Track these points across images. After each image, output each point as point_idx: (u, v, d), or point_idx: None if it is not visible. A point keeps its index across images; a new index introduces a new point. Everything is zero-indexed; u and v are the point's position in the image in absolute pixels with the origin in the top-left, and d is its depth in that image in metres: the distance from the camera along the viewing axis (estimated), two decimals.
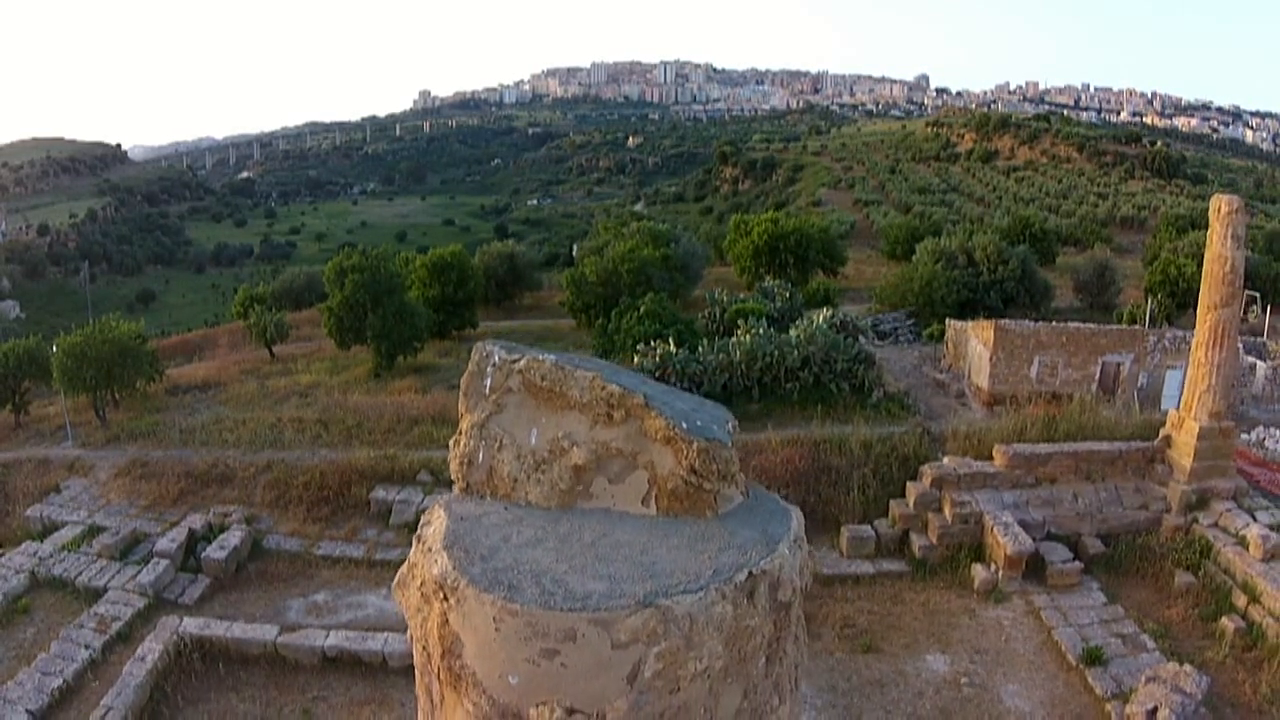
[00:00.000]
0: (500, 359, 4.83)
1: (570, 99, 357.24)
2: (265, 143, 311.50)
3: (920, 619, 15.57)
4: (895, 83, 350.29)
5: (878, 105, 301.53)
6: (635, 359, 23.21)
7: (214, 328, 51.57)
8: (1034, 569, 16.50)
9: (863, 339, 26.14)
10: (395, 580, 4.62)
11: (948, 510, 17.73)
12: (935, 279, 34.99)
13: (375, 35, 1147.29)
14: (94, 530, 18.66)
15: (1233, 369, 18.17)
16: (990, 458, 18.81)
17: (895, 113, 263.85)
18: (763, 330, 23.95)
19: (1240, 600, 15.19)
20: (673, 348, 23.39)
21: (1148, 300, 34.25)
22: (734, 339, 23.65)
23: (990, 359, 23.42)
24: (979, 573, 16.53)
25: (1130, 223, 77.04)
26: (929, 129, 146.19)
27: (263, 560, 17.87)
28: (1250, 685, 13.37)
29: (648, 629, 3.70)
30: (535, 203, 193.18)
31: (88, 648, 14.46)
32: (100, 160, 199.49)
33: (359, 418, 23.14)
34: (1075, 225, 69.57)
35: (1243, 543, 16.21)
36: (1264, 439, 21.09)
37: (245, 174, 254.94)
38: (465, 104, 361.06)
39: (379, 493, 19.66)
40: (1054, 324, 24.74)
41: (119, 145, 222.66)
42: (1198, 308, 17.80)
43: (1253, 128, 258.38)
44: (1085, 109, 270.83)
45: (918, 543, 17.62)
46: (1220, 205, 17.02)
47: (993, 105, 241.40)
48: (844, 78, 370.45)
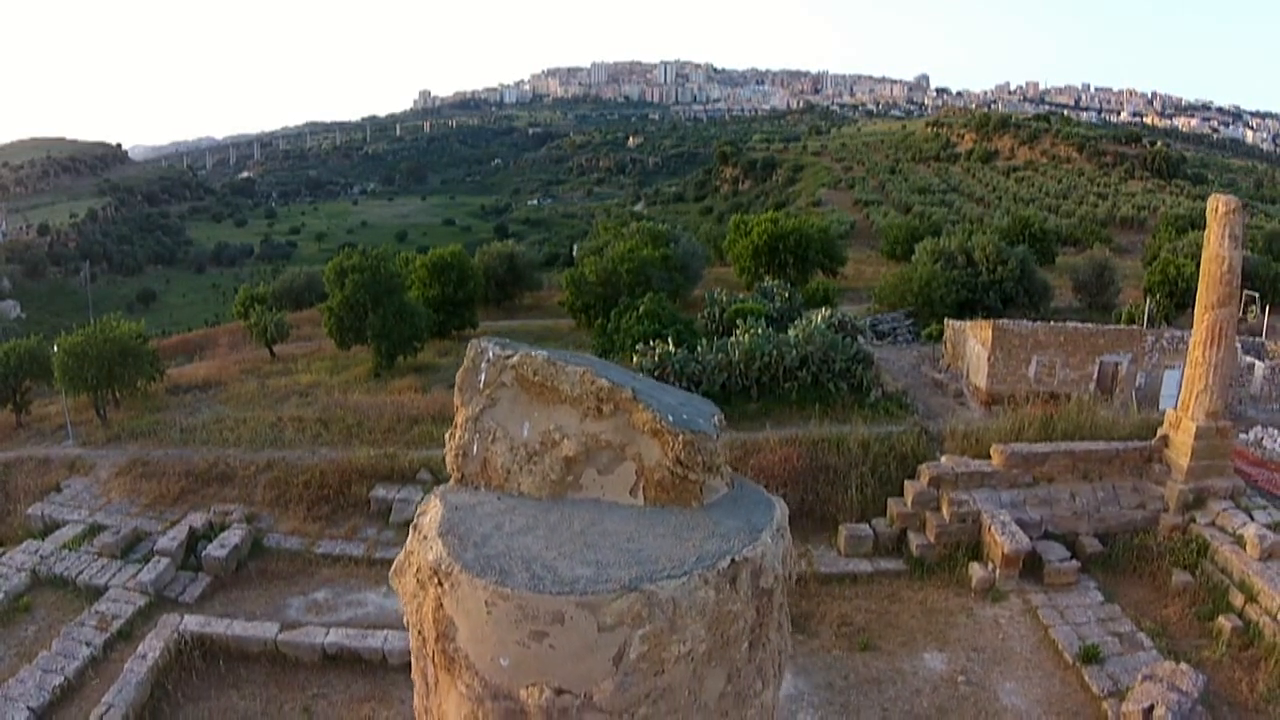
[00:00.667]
0: (494, 354, 4.93)
1: (570, 99, 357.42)
2: (265, 143, 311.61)
3: (918, 617, 15.63)
4: (895, 83, 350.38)
5: (878, 105, 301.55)
6: (634, 359, 23.24)
7: (214, 327, 51.73)
8: (1031, 568, 16.53)
9: (861, 339, 26.23)
10: (393, 567, 4.71)
11: (945, 509, 17.78)
12: (934, 279, 35.08)
13: (375, 35, 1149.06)
14: (95, 529, 18.74)
15: (1230, 369, 18.21)
16: (988, 457, 18.86)
17: (895, 113, 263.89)
18: (761, 330, 24.00)
19: (1237, 599, 15.24)
20: (672, 347, 23.43)
21: (1146, 300, 34.31)
22: (733, 339, 23.68)
23: (988, 359, 23.48)
24: (976, 571, 16.60)
25: (1130, 223, 77.15)
26: (929, 129, 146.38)
27: (263, 558, 17.95)
28: (1247, 684, 13.42)
29: (633, 612, 3.79)
30: (535, 203, 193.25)
31: (89, 645, 14.54)
32: (100, 160, 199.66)
33: (359, 417, 23.23)
34: (1075, 225, 69.70)
35: (1240, 542, 16.24)
36: (1262, 439, 21.11)
37: (245, 174, 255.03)
38: (465, 104, 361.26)
39: (379, 491, 19.74)
40: (1052, 324, 24.76)
41: (119, 145, 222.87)
42: (1195, 307, 17.85)
43: (1253, 128, 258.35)
44: (1085, 109, 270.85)
45: (915, 542, 17.67)
46: (1217, 205, 17.06)
47: (993, 105, 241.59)
48: (844, 78, 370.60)
